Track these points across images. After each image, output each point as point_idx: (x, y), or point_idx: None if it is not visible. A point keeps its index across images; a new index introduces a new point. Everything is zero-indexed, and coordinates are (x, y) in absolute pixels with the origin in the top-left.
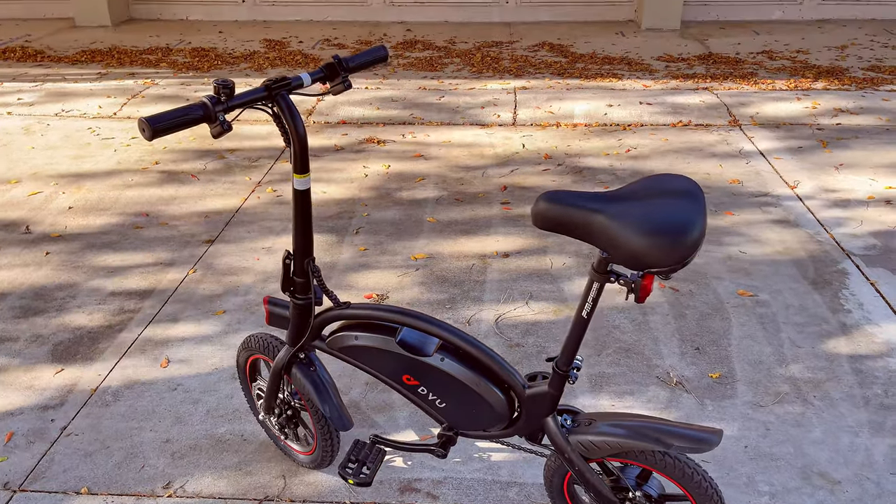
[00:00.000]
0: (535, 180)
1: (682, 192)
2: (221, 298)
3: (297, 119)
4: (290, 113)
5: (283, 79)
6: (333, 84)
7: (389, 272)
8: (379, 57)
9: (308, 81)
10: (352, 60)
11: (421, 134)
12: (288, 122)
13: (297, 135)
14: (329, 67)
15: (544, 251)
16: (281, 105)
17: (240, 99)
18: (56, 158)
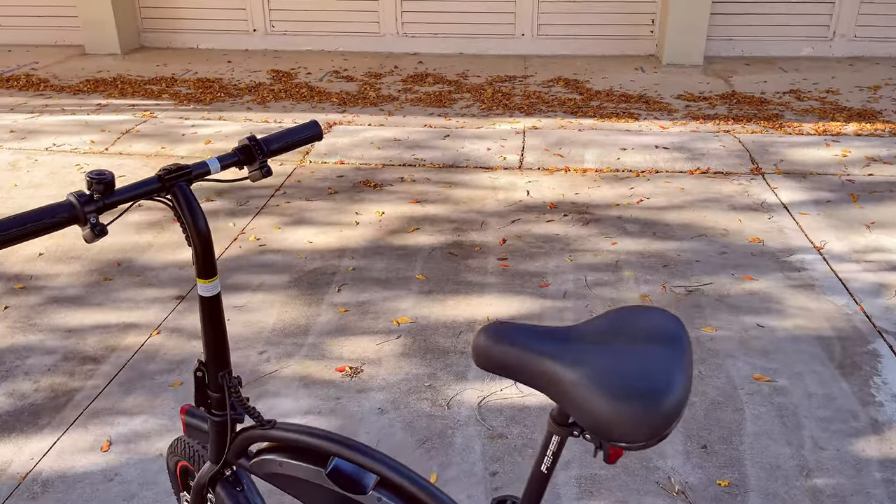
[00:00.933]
0: (537, 231)
1: (661, 337)
2: (181, 367)
3: (198, 215)
4: (188, 208)
5: (182, 167)
6: (251, 170)
7: (368, 339)
8: (309, 136)
9: (216, 168)
10: (273, 142)
11: (421, 177)
12: (186, 218)
13: (198, 234)
14: (244, 151)
15: (541, 317)
16: (178, 198)
17: (121, 194)
18: (37, 198)
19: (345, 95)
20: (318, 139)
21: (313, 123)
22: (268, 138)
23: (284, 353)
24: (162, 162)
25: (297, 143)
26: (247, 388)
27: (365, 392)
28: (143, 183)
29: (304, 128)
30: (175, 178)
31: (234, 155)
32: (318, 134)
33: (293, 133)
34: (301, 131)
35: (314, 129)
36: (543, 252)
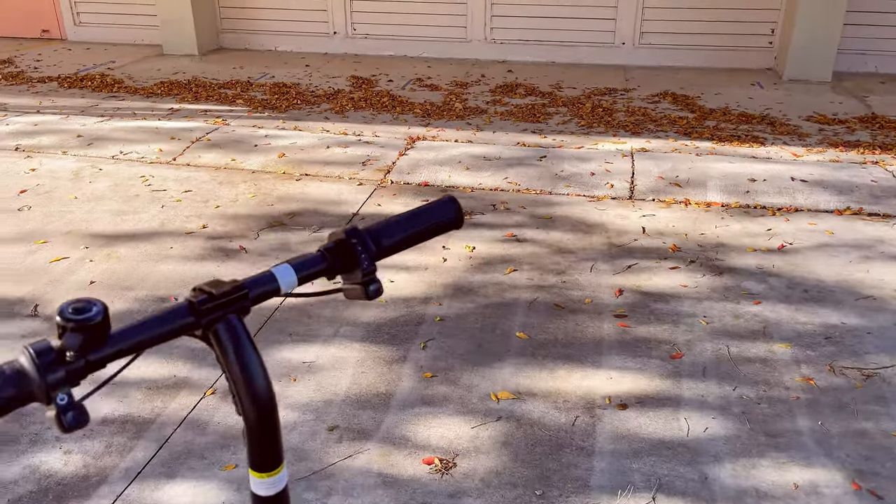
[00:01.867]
0: (661, 283)
1: None
2: (237, 443)
3: (253, 368)
4: (238, 358)
5: (233, 288)
6: (349, 281)
7: (461, 419)
8: (441, 223)
9: (290, 285)
10: (384, 234)
11: (516, 204)
12: (234, 373)
13: (253, 398)
14: (339, 251)
15: (677, 402)
16: (222, 341)
17: (117, 343)
18: (96, 213)
19: (429, 106)
20: (454, 227)
21: (447, 202)
22: (377, 229)
23: (360, 432)
24: (231, 176)
25: (424, 235)
26: (314, 482)
27: (458, 498)
28: (164, 318)
29: (431, 210)
30: (218, 309)
31: (319, 259)
32: (455, 220)
33: (416, 219)
34: (428, 216)
35: (448, 213)
36: (670, 310)
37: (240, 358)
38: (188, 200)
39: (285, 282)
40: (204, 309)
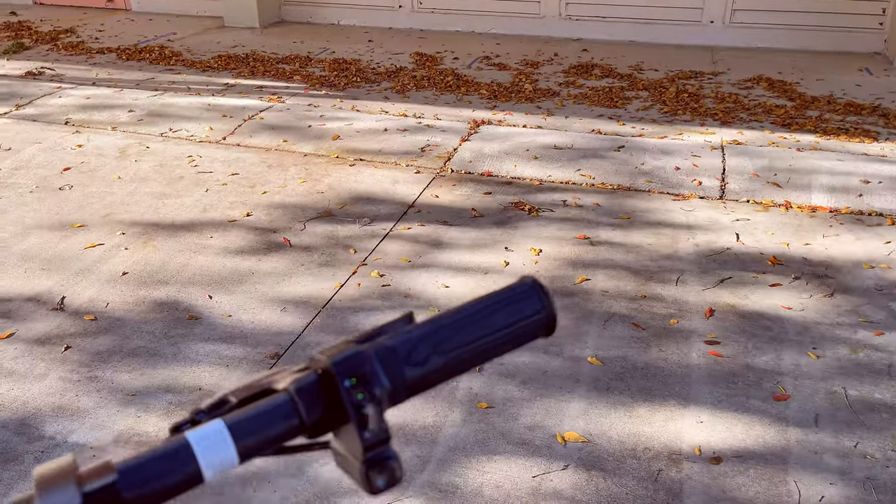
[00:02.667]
0: (760, 302)
1: None
2: (264, 472)
3: None
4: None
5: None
6: (342, 444)
7: (520, 465)
8: (518, 332)
9: (220, 465)
10: (415, 357)
11: (589, 201)
12: None
13: None
14: (321, 392)
15: (784, 459)
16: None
17: None
18: (138, 195)
19: (496, 87)
20: (541, 335)
21: (529, 295)
22: (397, 347)
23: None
24: (281, 159)
25: (484, 355)
26: None
27: None
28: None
29: (499, 311)
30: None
31: (284, 411)
32: (543, 328)
33: (473, 327)
34: (494, 321)
35: (529, 318)
36: (772, 337)
37: None
38: (234, 184)
39: (213, 461)
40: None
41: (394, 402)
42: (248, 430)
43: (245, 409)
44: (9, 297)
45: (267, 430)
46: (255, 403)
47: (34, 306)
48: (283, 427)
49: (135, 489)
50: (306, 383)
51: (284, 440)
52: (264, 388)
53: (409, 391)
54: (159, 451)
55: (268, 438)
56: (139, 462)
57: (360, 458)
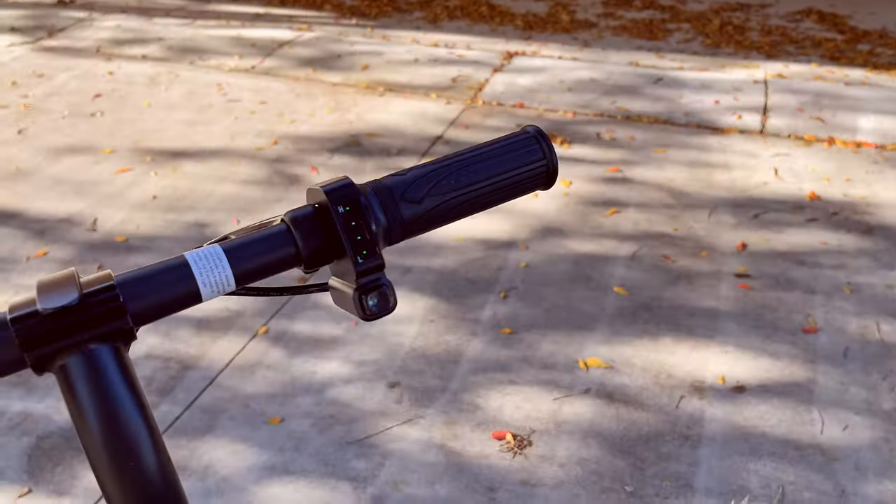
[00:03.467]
0: (794, 238)
1: None
2: (285, 395)
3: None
4: (98, 415)
5: (94, 302)
6: (338, 276)
7: (541, 388)
8: (518, 178)
9: (217, 287)
10: (413, 194)
11: (624, 135)
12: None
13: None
14: (317, 222)
15: (809, 390)
16: (71, 383)
17: None
18: (167, 123)
19: (531, 18)
20: (541, 186)
21: (530, 140)
22: (395, 185)
23: (423, 393)
24: (310, 88)
25: (482, 201)
26: (366, 449)
27: (532, 485)
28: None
29: (499, 156)
30: (63, 338)
31: (280, 238)
32: (543, 174)
33: (470, 171)
34: (493, 166)
35: (530, 162)
36: (805, 272)
37: (108, 421)
38: (262, 113)
39: (210, 280)
40: (32, 336)
41: (390, 240)
42: (244, 254)
43: (242, 236)
44: (43, 218)
45: (262, 256)
46: (253, 232)
47: (67, 227)
48: (278, 255)
49: (134, 299)
50: (302, 214)
51: (280, 269)
52: (262, 224)
53: (404, 230)
54: (158, 267)
55: (263, 265)
56: (138, 275)
57: (356, 285)
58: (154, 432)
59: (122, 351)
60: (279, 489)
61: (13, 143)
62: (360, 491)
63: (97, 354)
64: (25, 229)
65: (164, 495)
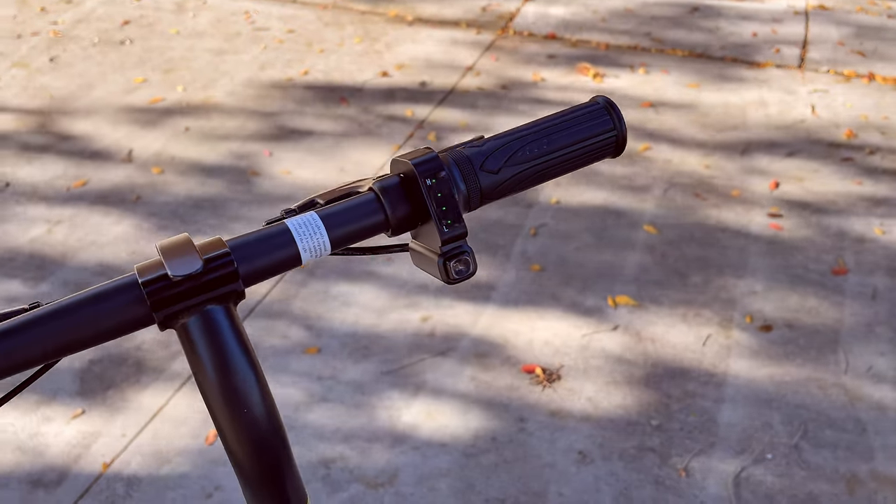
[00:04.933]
0: (831, 176)
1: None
2: (321, 326)
3: (245, 385)
4: (217, 369)
5: (212, 266)
6: (420, 241)
7: (570, 323)
8: (588, 148)
9: (316, 250)
10: (491, 164)
11: (658, 68)
12: (210, 391)
13: (245, 431)
14: (403, 191)
15: (835, 330)
16: (193, 341)
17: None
18: (196, 51)
19: None
20: (609, 154)
21: (599, 113)
22: (475, 155)
23: (455, 326)
24: (338, 16)
25: (555, 169)
26: (401, 378)
27: (560, 416)
28: (99, 309)
29: (570, 127)
30: (186, 299)
31: (370, 207)
32: (613, 145)
33: (546, 141)
34: (564, 135)
35: (599, 133)
36: (838, 211)
37: (223, 373)
38: (291, 42)
39: (309, 245)
40: (162, 299)
41: (469, 207)
42: (338, 221)
43: (335, 204)
44: (80, 149)
45: (355, 223)
46: (344, 200)
47: (104, 157)
48: (369, 221)
49: (244, 263)
50: (390, 184)
51: (369, 235)
52: (348, 191)
53: (483, 198)
54: (263, 233)
55: (355, 231)
56: (247, 240)
57: (439, 252)
58: (261, 381)
59: (233, 309)
60: (317, 415)
61: (46, 70)
62: (395, 419)
63: (213, 314)
64: (64, 159)
65: (271, 437)
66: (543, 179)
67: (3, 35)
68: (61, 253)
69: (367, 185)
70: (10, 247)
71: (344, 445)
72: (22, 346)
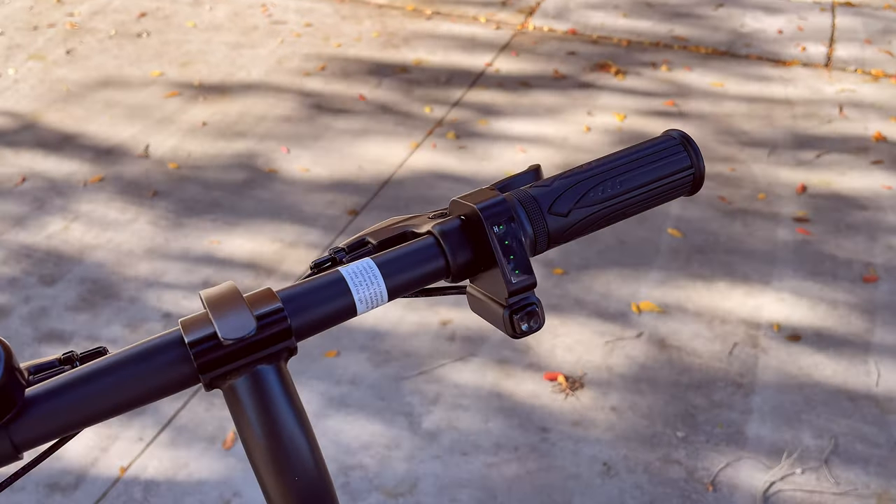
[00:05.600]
0: (857, 181)
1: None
2: (340, 329)
3: (296, 446)
4: (266, 431)
5: (267, 323)
6: (481, 288)
7: (593, 330)
8: (665, 187)
9: (372, 301)
10: (562, 205)
11: (681, 65)
12: (257, 454)
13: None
14: (466, 234)
15: (866, 340)
16: (240, 402)
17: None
18: (213, 45)
19: None
20: (686, 192)
21: (675, 150)
22: (545, 195)
23: (476, 330)
24: (356, 10)
25: (632, 207)
26: (419, 384)
27: (583, 426)
28: (142, 371)
29: (646, 164)
30: (237, 360)
31: (430, 252)
32: (690, 183)
33: (622, 179)
34: (642, 173)
35: (676, 171)
36: (867, 218)
37: (274, 438)
38: (308, 36)
39: (365, 295)
40: (210, 360)
41: (535, 251)
42: (396, 268)
43: (392, 249)
44: (96, 143)
45: (414, 270)
46: (402, 245)
47: (120, 153)
48: (429, 268)
49: (297, 316)
50: (451, 227)
51: (429, 282)
52: (401, 231)
53: (550, 241)
54: (317, 283)
55: (414, 278)
56: (299, 291)
57: (505, 304)
58: (312, 443)
59: (284, 367)
60: (336, 421)
61: (63, 63)
62: (415, 426)
63: (264, 375)
64: (80, 154)
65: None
66: (615, 220)
67: (20, 27)
68: (78, 250)
69: (425, 227)
70: (27, 243)
71: (363, 453)
72: (57, 411)
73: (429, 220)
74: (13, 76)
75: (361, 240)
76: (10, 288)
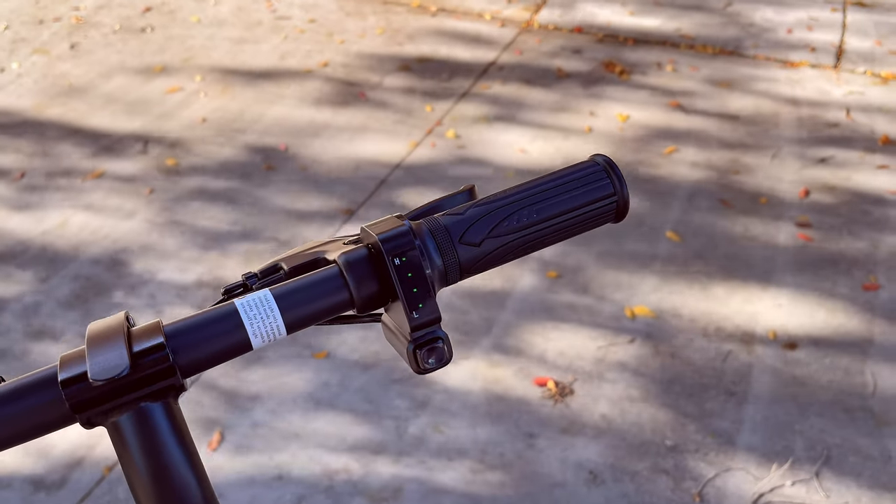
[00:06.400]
0: (862, 185)
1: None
2: (330, 330)
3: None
4: (150, 471)
5: (145, 362)
6: (392, 320)
7: (586, 334)
8: (587, 215)
9: (269, 335)
10: (473, 235)
11: (686, 65)
12: (141, 490)
13: None
14: (371, 266)
15: (864, 349)
16: (123, 438)
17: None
18: (216, 40)
19: None
20: (611, 220)
21: (597, 175)
22: (454, 224)
23: (468, 334)
24: (360, 6)
25: (545, 238)
26: (408, 388)
27: (572, 433)
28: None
29: (565, 192)
30: (114, 398)
31: (332, 284)
32: (609, 212)
33: (534, 208)
34: (560, 202)
35: (598, 200)
36: (871, 222)
37: (160, 478)
38: (312, 32)
39: (260, 329)
40: (82, 401)
41: (446, 282)
42: (295, 301)
43: (294, 280)
44: (97, 138)
45: (314, 302)
46: (305, 275)
47: (120, 148)
48: (330, 301)
49: (183, 353)
50: (356, 258)
51: (332, 314)
52: (316, 256)
53: (462, 272)
54: (208, 315)
55: (315, 311)
56: (187, 325)
57: (409, 338)
58: (203, 482)
59: (172, 404)
60: (323, 423)
61: (67, 57)
62: (401, 430)
63: (148, 412)
64: (81, 148)
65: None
66: (533, 250)
67: (26, 20)
68: (74, 246)
69: (334, 255)
70: (22, 238)
71: (348, 456)
72: None
73: (342, 247)
74: (17, 70)
75: (274, 265)
76: (3, 283)
